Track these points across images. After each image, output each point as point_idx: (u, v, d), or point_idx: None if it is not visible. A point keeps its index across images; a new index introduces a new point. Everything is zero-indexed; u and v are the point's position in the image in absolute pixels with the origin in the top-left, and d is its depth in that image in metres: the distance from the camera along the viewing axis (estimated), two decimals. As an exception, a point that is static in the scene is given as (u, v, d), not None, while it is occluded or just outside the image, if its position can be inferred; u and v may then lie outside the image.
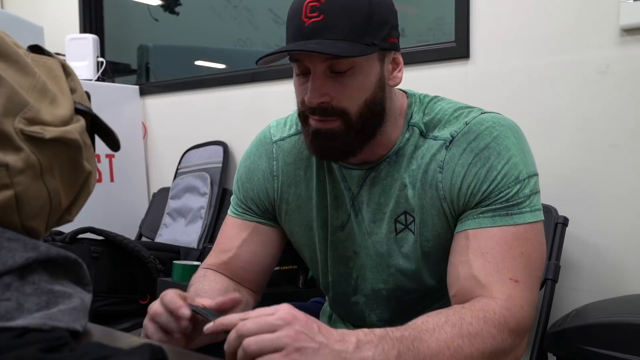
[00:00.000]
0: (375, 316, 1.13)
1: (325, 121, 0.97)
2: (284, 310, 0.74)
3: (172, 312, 0.84)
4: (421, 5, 2.50)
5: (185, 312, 0.83)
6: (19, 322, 0.50)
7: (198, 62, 3.18)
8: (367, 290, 1.11)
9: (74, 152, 0.60)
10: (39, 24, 2.48)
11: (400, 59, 1.02)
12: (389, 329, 0.80)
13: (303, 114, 1.00)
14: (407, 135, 1.04)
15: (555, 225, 1.51)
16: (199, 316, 0.86)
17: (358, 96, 0.96)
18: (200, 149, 2.51)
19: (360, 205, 1.07)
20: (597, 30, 1.56)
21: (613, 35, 1.53)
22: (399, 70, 1.02)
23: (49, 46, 2.54)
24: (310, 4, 0.93)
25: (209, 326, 0.76)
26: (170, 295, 0.85)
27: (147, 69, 3.10)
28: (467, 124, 1.00)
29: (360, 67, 0.95)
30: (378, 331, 0.78)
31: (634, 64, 1.51)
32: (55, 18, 3.05)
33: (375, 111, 0.99)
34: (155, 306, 0.87)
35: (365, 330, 0.78)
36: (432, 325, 0.83)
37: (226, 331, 0.74)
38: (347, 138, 0.98)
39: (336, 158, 1.03)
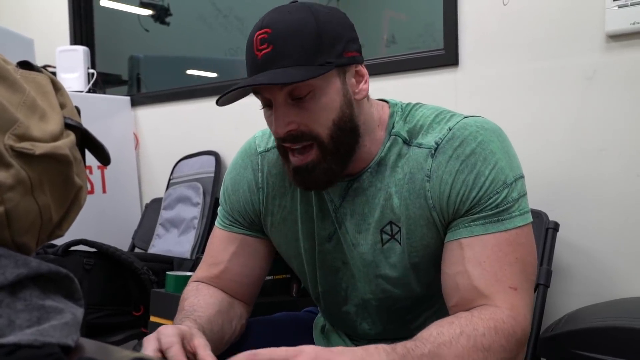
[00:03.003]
0: (367, 325, 1.13)
1: (301, 152, 0.97)
2: None
3: None
4: (411, 12, 2.52)
5: None
6: (10, 338, 0.50)
7: (189, 72, 3.19)
8: (357, 300, 1.11)
9: (64, 168, 0.60)
10: (29, 36, 2.47)
11: (364, 71, 1.00)
12: (409, 346, 0.80)
13: (282, 148, 1.00)
14: (388, 145, 1.03)
15: (546, 231, 1.52)
16: None
17: (324, 118, 0.95)
18: (192, 159, 2.50)
19: (344, 217, 1.06)
20: (583, 36, 1.57)
21: (599, 41, 1.55)
22: (365, 82, 1.00)
23: (39, 58, 2.53)
24: (260, 37, 0.93)
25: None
26: (175, 351, 0.83)
27: (138, 80, 3.10)
28: (450, 130, 0.99)
29: (320, 89, 0.94)
30: (400, 349, 0.79)
31: (620, 70, 1.52)
32: (45, 30, 3.04)
33: (346, 129, 0.97)
34: (151, 349, 0.84)
35: (387, 348, 0.78)
36: (448, 337, 0.84)
37: None
38: (325, 164, 0.97)
39: (321, 187, 1.02)
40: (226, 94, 0.96)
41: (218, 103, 0.99)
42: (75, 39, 3.01)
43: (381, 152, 1.03)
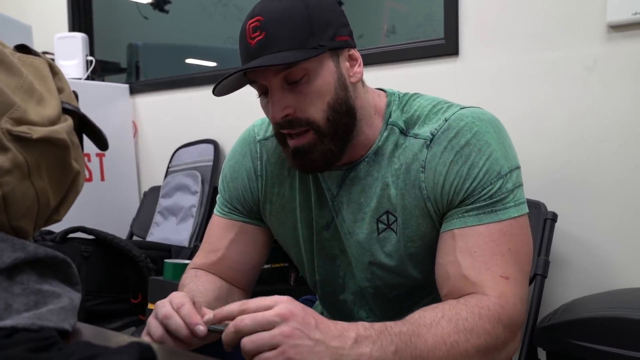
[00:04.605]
0: (364, 313, 1.13)
1: (298, 136, 0.97)
2: (281, 305, 0.74)
3: (187, 325, 0.82)
4: (411, 2, 2.51)
5: (201, 329, 0.81)
6: (8, 322, 0.50)
7: (188, 60, 3.18)
8: (354, 288, 1.12)
9: (62, 152, 0.60)
10: (27, 22, 2.46)
11: (357, 55, 1.02)
12: (388, 324, 0.81)
13: (279, 135, 1.01)
14: (385, 134, 1.03)
15: (544, 221, 1.52)
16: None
17: (320, 101, 0.96)
18: (191, 148, 2.50)
19: (340, 206, 1.06)
20: (584, 27, 1.57)
21: (600, 31, 1.54)
22: (359, 66, 1.02)
23: (37, 45, 2.53)
24: (252, 25, 0.94)
25: (208, 317, 0.77)
26: (188, 308, 0.83)
27: (137, 68, 3.09)
28: (446, 121, 0.99)
29: (315, 72, 0.95)
30: (377, 326, 0.80)
31: (621, 60, 1.52)
32: (44, 17, 3.03)
33: (342, 111, 0.98)
34: (166, 308, 0.85)
35: (366, 324, 0.79)
36: (429, 320, 0.84)
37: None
38: (323, 146, 0.98)
39: (321, 169, 1.02)
40: (221, 81, 0.97)
41: (214, 93, 1.00)
42: (74, 26, 3.00)
43: (378, 142, 1.04)
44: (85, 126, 0.68)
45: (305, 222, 1.11)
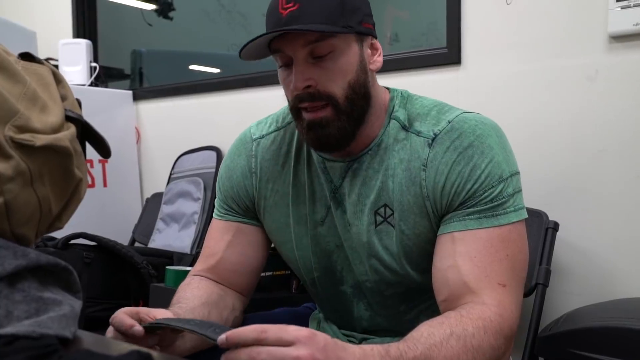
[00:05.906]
0: (363, 305, 1.13)
1: (316, 109, 0.99)
2: (303, 349, 0.70)
3: (125, 334, 0.84)
4: (414, 10, 2.52)
5: (138, 330, 0.83)
6: (8, 329, 0.50)
7: (192, 67, 3.19)
8: (352, 282, 1.12)
9: (65, 160, 0.61)
10: (31, 28, 2.47)
11: (379, 45, 1.05)
12: (402, 349, 0.81)
13: (296, 109, 1.02)
14: (388, 128, 1.05)
15: (545, 230, 1.52)
16: (164, 328, 0.85)
17: (342, 79, 0.99)
18: (194, 154, 2.51)
19: (342, 197, 1.07)
20: (586, 37, 1.57)
21: (601, 42, 1.55)
22: (379, 55, 1.05)
23: (41, 51, 2.53)
24: None
25: (222, 339, 0.72)
26: (119, 317, 0.86)
27: (141, 74, 3.10)
28: (450, 122, 1.01)
29: (340, 50, 0.98)
30: (393, 352, 0.79)
31: (622, 71, 1.52)
32: (48, 23, 3.04)
33: (360, 93, 1.01)
34: (108, 334, 0.88)
35: (382, 351, 0.78)
36: (439, 339, 0.84)
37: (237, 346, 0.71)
38: (339, 123, 0.99)
39: (333, 146, 1.03)
40: (248, 43, 0.98)
41: (240, 55, 1.01)
42: (78, 32, 3.01)
43: (381, 135, 1.06)
44: (88, 134, 0.68)
45: (298, 217, 1.12)
